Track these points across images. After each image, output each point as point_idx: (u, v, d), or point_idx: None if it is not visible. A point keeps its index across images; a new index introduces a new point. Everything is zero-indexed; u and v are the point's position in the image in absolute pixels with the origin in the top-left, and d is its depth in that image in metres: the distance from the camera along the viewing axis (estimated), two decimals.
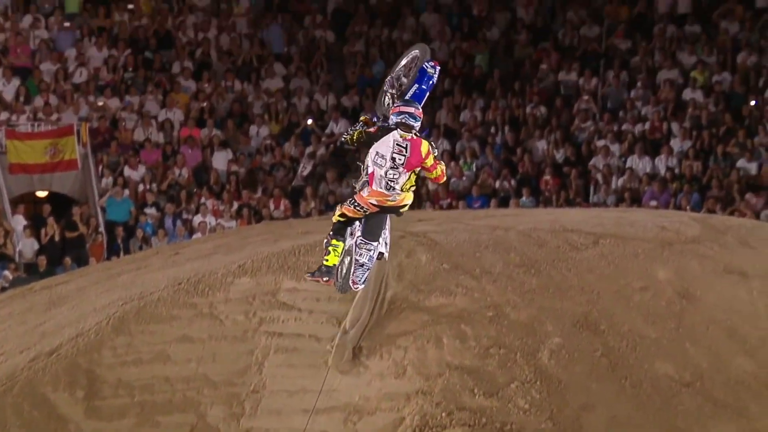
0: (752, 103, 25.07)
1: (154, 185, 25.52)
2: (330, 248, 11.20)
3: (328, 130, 26.29)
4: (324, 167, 25.80)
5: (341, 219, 11.12)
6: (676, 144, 24.83)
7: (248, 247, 15.15)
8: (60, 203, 25.30)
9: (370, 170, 10.91)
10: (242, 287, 13.91)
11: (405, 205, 11.06)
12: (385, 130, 10.97)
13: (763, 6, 26.46)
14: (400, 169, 10.87)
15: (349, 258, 11.17)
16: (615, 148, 24.99)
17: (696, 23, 26.62)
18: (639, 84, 25.89)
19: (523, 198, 24.41)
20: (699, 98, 25.31)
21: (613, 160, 24.88)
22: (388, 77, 11.58)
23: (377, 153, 10.89)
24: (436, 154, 11.01)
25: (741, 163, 24.15)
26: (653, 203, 23.76)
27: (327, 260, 11.20)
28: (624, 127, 25.41)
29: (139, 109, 26.71)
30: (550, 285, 13.66)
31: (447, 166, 28.24)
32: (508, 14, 27.84)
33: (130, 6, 28.33)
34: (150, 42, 27.78)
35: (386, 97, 11.46)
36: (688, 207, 23.28)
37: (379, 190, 10.87)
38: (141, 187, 25.43)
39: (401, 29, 28.05)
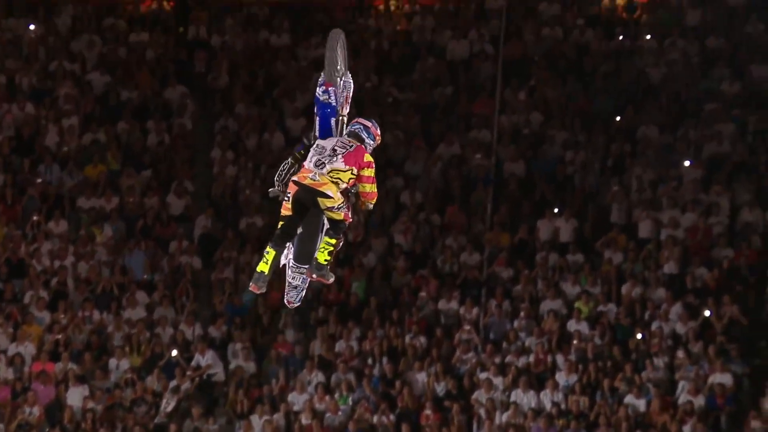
0: (639, 336, 25.52)
1: (1, 426, 24.95)
2: (264, 254, 11.49)
3: (194, 363, 26.15)
4: (189, 402, 25.55)
5: (282, 221, 11.40)
6: (561, 378, 25.15)
7: None
8: None
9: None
10: None
11: (326, 196, 11.16)
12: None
13: (646, 236, 27.23)
14: (339, 156, 11.17)
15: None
16: (498, 381, 25.21)
17: (579, 252, 27.24)
18: (522, 314, 26.28)
19: None
20: (584, 330, 25.76)
21: (497, 393, 25.07)
22: (320, 75, 11.94)
23: (318, 144, 11.30)
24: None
25: (629, 399, 24.51)
26: None
27: (258, 266, 11.46)
28: (507, 359, 25.69)
29: None
30: None
31: (321, 400, 27.93)
32: (385, 240, 28.25)
33: None
34: (1, 271, 27.55)
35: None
36: None
37: (307, 166, 11.18)
38: None
39: None
